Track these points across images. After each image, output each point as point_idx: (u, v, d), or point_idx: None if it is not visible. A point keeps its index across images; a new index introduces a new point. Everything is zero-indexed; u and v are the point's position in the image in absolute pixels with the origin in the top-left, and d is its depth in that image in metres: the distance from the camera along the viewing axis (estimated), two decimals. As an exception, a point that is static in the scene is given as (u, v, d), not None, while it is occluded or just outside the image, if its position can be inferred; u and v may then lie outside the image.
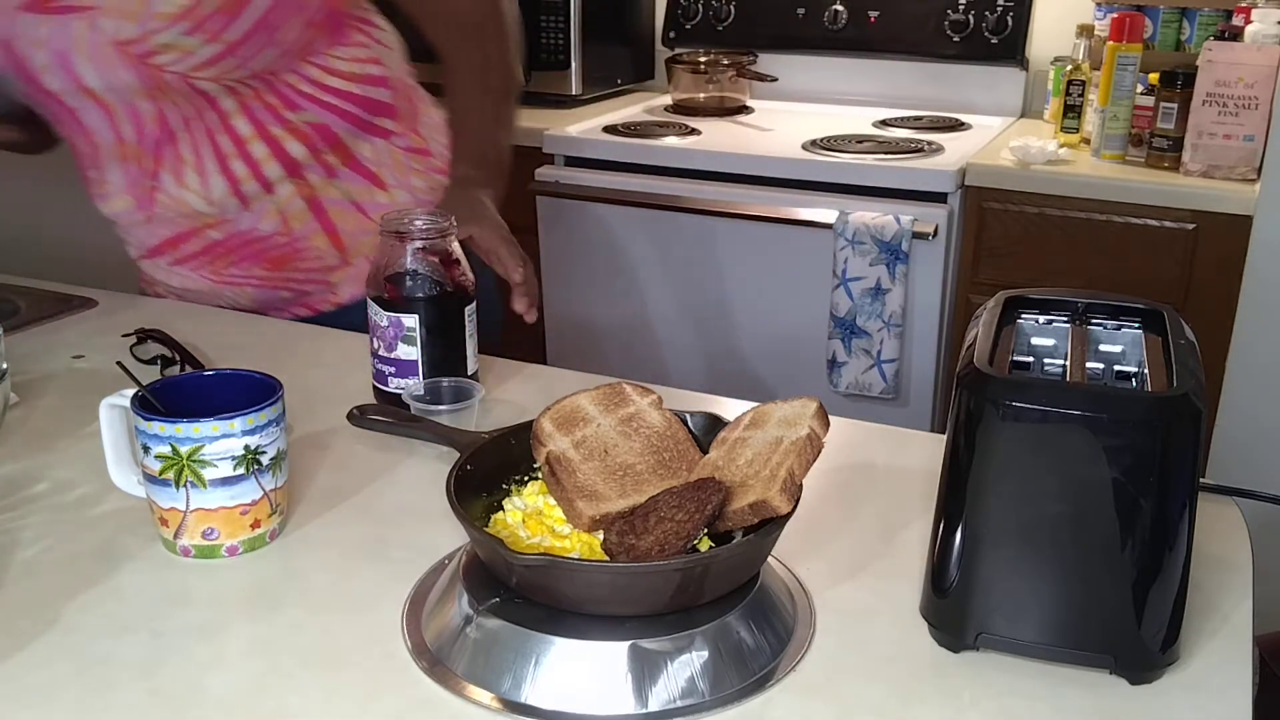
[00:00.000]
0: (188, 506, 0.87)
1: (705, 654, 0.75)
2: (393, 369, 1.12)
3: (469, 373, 1.14)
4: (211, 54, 1.18)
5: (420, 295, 1.10)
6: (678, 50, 2.88)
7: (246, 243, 1.33)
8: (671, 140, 2.51)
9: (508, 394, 1.19)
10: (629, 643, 0.74)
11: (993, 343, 0.81)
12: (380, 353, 1.12)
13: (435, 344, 1.11)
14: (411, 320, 1.10)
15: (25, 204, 3.00)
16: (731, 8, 2.88)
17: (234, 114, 1.25)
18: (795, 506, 0.77)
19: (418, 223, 1.11)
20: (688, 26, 2.92)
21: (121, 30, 1.17)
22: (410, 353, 1.11)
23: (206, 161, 1.27)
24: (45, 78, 1.22)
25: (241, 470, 0.87)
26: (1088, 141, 2.46)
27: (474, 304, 1.14)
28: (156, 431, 0.85)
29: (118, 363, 1.21)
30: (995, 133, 2.58)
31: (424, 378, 1.12)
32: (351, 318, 1.34)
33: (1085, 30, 2.55)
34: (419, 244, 1.10)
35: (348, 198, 1.35)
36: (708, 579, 0.75)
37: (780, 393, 1.38)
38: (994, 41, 2.70)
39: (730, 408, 1.00)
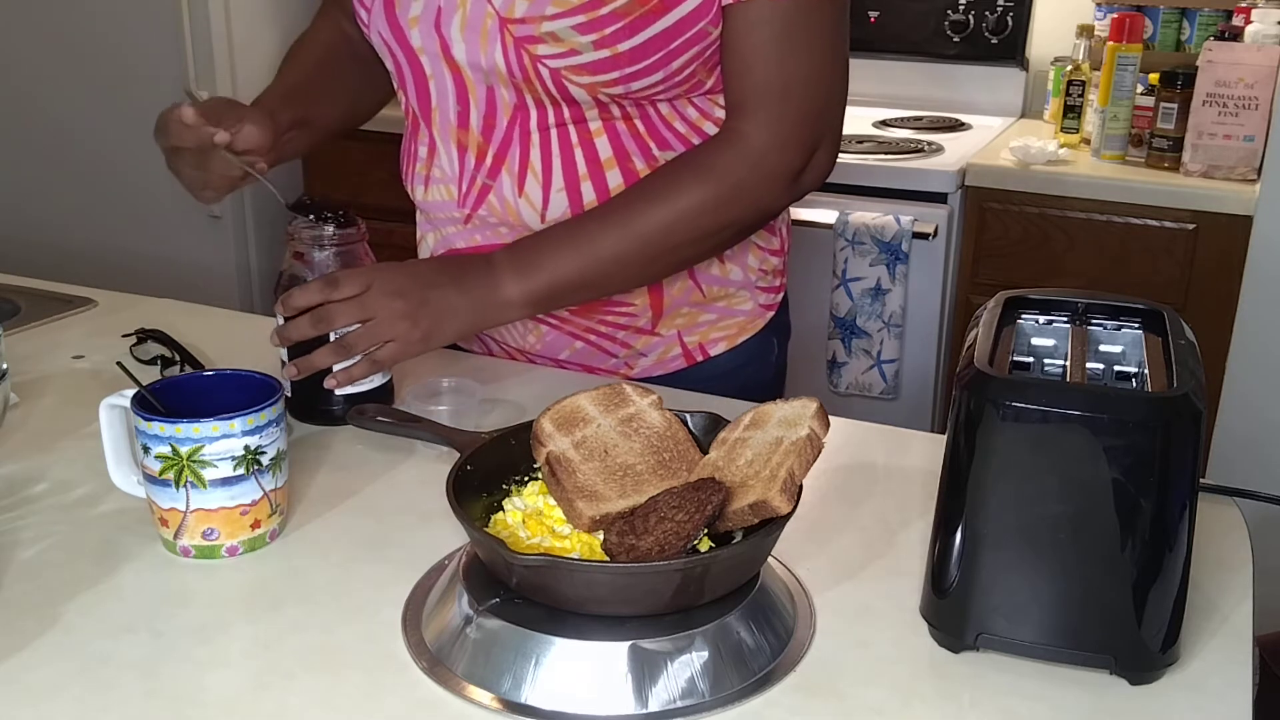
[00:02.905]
0: (188, 507, 0.87)
1: (705, 654, 0.75)
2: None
3: (339, 392, 1.08)
4: (596, 60, 1.06)
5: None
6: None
7: None
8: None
9: (508, 394, 1.19)
10: (629, 643, 0.74)
11: (993, 343, 0.81)
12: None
13: (296, 352, 1.08)
14: (280, 321, 1.09)
15: (25, 204, 3.01)
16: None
17: (598, 133, 1.13)
18: (795, 507, 0.77)
19: (309, 230, 1.09)
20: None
21: (513, 7, 1.06)
22: (283, 354, 1.10)
23: (555, 174, 1.14)
24: (413, 32, 1.12)
25: (241, 470, 0.87)
26: (1088, 142, 2.46)
27: (357, 323, 1.05)
28: (156, 432, 0.85)
29: (118, 363, 1.20)
30: (995, 133, 2.58)
31: (291, 383, 1.09)
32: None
33: (1085, 30, 2.55)
34: (308, 251, 1.08)
35: None
36: (708, 579, 0.75)
37: (780, 393, 1.38)
38: (994, 41, 2.70)
39: (730, 408, 1.00)
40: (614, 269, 1.11)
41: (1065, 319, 0.87)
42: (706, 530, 0.77)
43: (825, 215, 2.30)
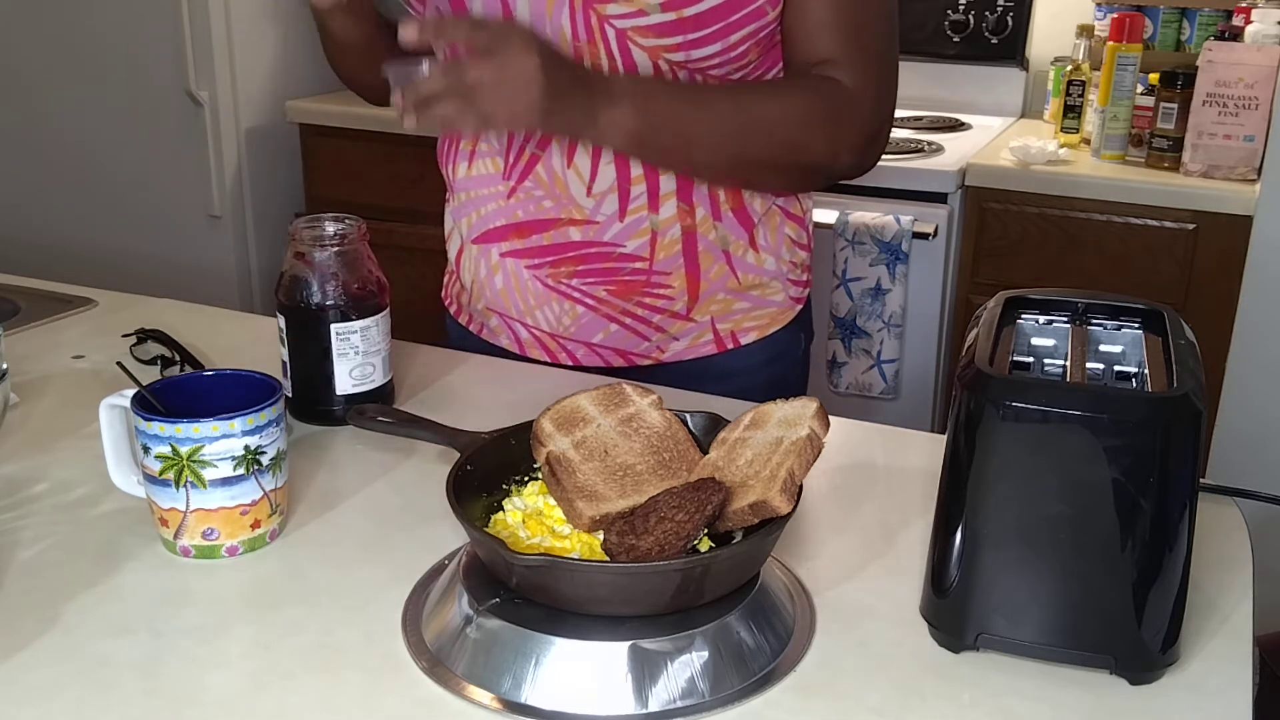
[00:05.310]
0: (188, 507, 0.87)
1: (705, 654, 0.75)
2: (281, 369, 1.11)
3: (339, 392, 1.09)
4: (662, 22, 1.08)
5: (285, 300, 1.08)
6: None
7: (603, 255, 1.19)
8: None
9: (508, 394, 1.19)
10: (629, 643, 0.74)
11: (993, 343, 0.81)
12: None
13: (296, 352, 1.09)
14: (280, 321, 1.09)
15: (25, 204, 3.01)
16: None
17: None
18: (795, 506, 0.77)
19: (311, 230, 1.08)
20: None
21: None
22: (283, 353, 1.10)
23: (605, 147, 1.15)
24: (474, 1, 1.12)
25: (241, 470, 0.87)
26: (1088, 142, 2.46)
27: (357, 323, 1.07)
28: (156, 432, 0.85)
29: (118, 363, 1.21)
30: (995, 133, 2.58)
31: (291, 383, 1.10)
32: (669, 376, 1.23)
33: (1085, 30, 2.55)
34: (309, 250, 1.07)
35: (722, 245, 1.21)
36: (708, 579, 0.75)
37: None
38: (994, 41, 2.70)
39: (730, 408, 1.00)
40: (710, 137, 1.12)
41: (1065, 319, 0.87)
42: (706, 530, 0.77)
43: (825, 215, 2.30)
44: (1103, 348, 0.85)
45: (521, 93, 0.99)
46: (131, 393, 0.90)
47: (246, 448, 0.87)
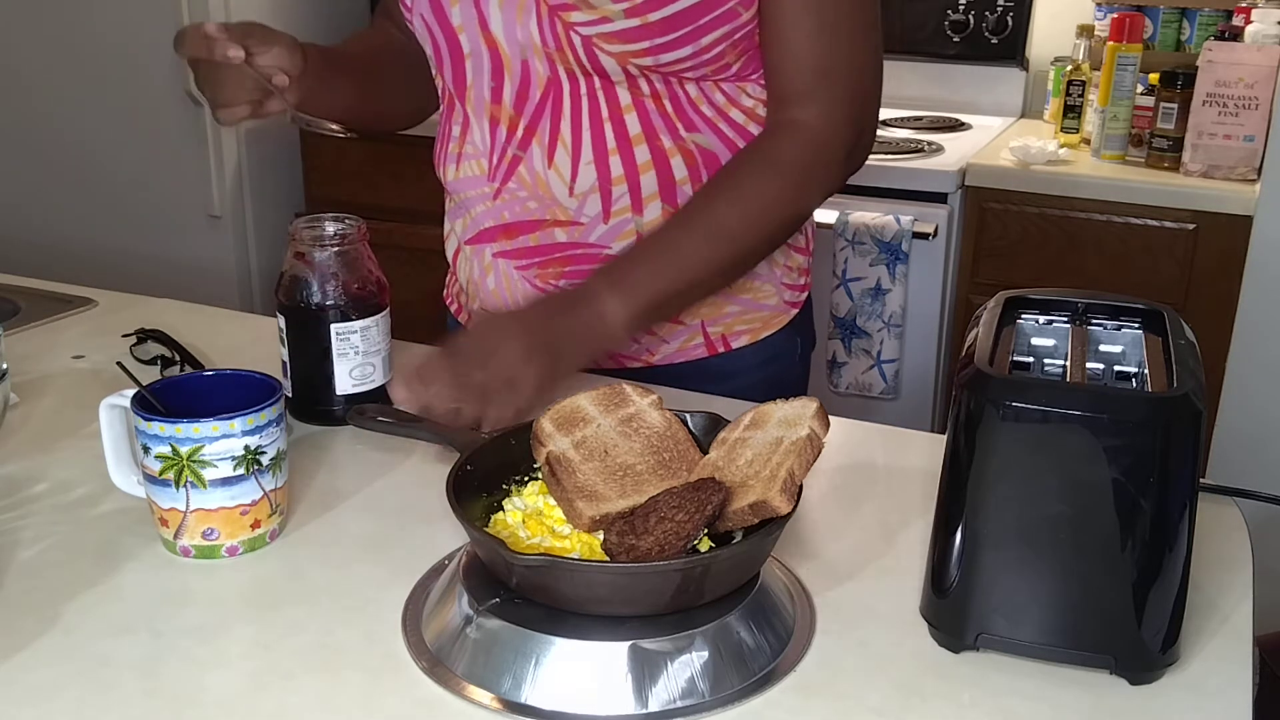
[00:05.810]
0: (188, 507, 0.87)
1: (705, 654, 0.75)
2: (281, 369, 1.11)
3: (339, 392, 1.09)
4: (627, 28, 1.07)
5: (285, 300, 1.08)
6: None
7: (590, 256, 1.19)
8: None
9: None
10: (629, 643, 0.74)
11: (993, 343, 0.81)
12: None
13: (296, 352, 1.09)
14: (280, 321, 1.09)
15: (25, 204, 3.01)
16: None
17: (628, 109, 1.14)
18: (795, 506, 0.77)
19: (311, 230, 1.08)
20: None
21: None
22: (283, 353, 1.10)
23: (585, 147, 1.15)
24: (453, 10, 1.14)
25: (241, 470, 0.87)
26: (1088, 142, 2.46)
27: (357, 323, 1.08)
28: (156, 432, 0.85)
29: (118, 363, 1.21)
30: (995, 133, 2.58)
31: (291, 383, 1.10)
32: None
33: (1085, 30, 2.55)
34: (309, 250, 1.07)
35: None
36: (708, 579, 0.75)
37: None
38: (994, 41, 2.70)
39: (731, 408, 1.00)
40: (705, 274, 1.13)
41: (1065, 319, 0.87)
42: (706, 530, 0.77)
43: (825, 215, 2.30)
44: (1103, 348, 0.85)
45: (529, 375, 1.00)
46: (131, 393, 0.90)
47: (246, 448, 0.87)
